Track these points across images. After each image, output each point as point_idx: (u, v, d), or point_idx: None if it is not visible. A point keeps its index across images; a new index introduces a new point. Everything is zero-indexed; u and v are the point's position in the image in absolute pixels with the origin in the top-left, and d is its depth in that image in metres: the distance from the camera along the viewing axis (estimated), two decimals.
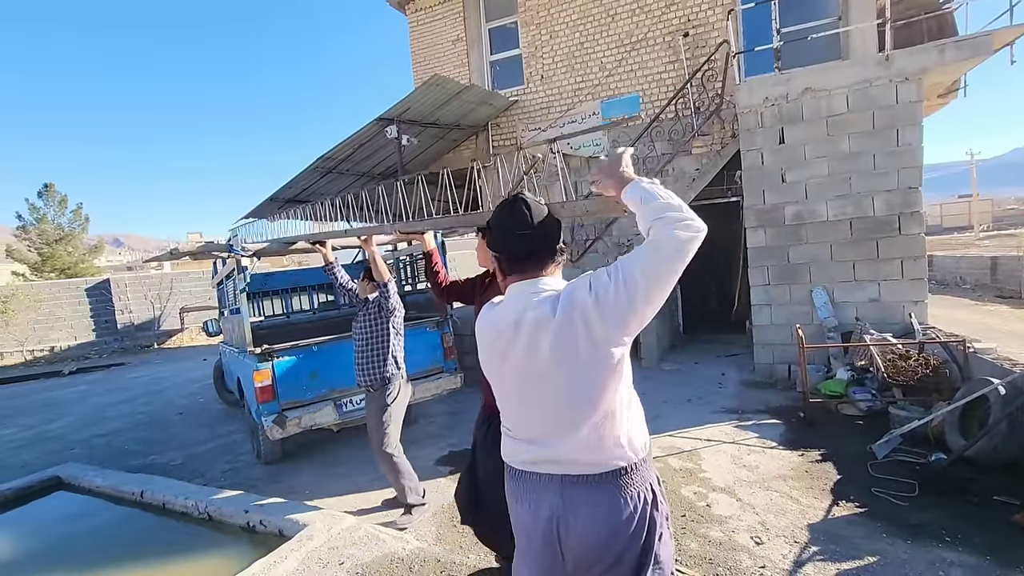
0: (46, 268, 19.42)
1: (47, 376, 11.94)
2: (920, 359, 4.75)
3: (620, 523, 1.21)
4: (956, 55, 5.32)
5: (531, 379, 1.25)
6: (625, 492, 1.22)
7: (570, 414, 1.22)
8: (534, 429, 1.27)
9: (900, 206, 5.60)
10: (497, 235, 1.35)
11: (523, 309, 1.26)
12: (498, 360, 1.30)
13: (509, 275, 1.34)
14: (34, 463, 5.50)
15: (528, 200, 1.33)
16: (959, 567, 2.56)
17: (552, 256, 1.32)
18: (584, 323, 1.19)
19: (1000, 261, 13.00)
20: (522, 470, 1.30)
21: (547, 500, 1.24)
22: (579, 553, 1.22)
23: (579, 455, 1.22)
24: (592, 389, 1.22)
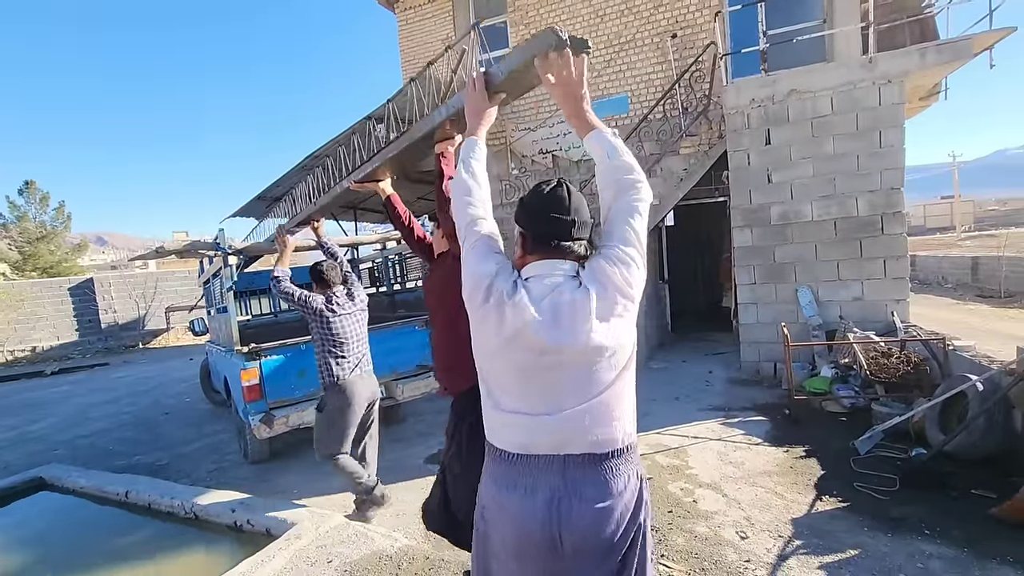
0: (28, 267, 19.10)
1: (29, 376, 11.76)
2: (902, 357, 4.83)
3: (624, 501, 1.24)
4: (937, 58, 5.42)
5: (556, 357, 1.21)
6: (629, 470, 1.26)
7: (596, 388, 1.23)
8: (550, 407, 1.23)
9: (883, 206, 5.69)
10: (528, 212, 1.33)
11: (549, 288, 1.25)
12: (511, 340, 1.23)
13: (530, 254, 1.32)
14: (16, 464, 5.42)
15: (570, 188, 1.33)
16: (938, 559, 2.62)
17: (577, 248, 1.30)
18: (616, 294, 1.24)
19: (981, 261, 13.26)
20: (518, 454, 1.25)
21: (546, 482, 1.22)
22: (582, 535, 1.21)
23: (592, 431, 1.22)
24: (620, 359, 1.25)
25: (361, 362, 3.47)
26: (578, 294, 1.23)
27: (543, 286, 1.25)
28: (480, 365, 1.33)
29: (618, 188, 1.35)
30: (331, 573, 2.74)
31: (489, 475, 1.34)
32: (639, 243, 1.30)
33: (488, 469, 1.35)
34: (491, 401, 1.31)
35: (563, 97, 1.43)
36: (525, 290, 1.25)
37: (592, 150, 1.41)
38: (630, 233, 1.30)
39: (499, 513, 1.29)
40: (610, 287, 1.24)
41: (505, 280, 1.27)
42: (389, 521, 3.42)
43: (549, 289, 1.24)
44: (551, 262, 1.28)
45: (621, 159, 1.36)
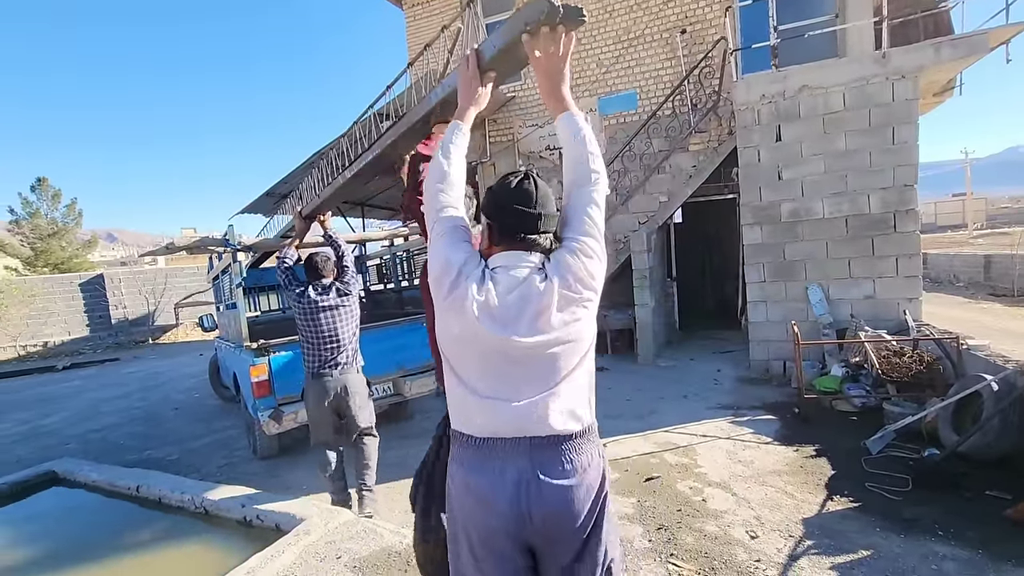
0: (39, 263, 19.28)
1: (41, 371, 11.88)
2: (914, 356, 4.78)
3: (589, 478, 1.28)
4: (952, 53, 5.34)
5: (521, 347, 1.25)
6: (591, 449, 1.31)
7: (559, 374, 1.28)
8: (516, 393, 1.26)
9: (896, 204, 5.62)
10: (495, 203, 1.34)
11: (517, 280, 1.27)
12: (477, 329, 1.25)
13: (496, 245, 1.34)
14: (29, 458, 5.48)
15: (537, 181, 1.33)
16: (952, 560, 2.58)
17: (543, 241, 1.32)
18: (578, 285, 1.28)
19: (993, 259, 13.08)
20: (486, 438, 1.28)
21: (514, 464, 1.25)
22: (552, 512, 1.24)
23: (556, 415, 1.26)
24: (582, 347, 1.31)
25: (337, 357, 3.48)
26: (543, 286, 1.26)
27: (510, 277, 1.27)
28: (445, 351, 1.34)
29: (577, 176, 1.39)
30: (340, 569, 2.75)
31: (457, 463, 1.34)
32: (599, 234, 1.34)
33: (456, 458, 1.35)
34: (464, 387, 1.31)
35: (545, 73, 1.43)
36: (492, 281, 1.27)
37: (560, 131, 1.43)
38: (589, 225, 1.33)
39: (468, 497, 1.30)
40: (572, 279, 1.27)
41: (473, 269, 1.28)
42: (398, 518, 3.43)
43: (517, 281, 1.26)
44: (517, 253, 1.30)
45: (584, 147, 1.38)
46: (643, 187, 7.69)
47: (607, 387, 6.19)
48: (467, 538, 1.31)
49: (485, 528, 1.27)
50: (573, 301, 1.27)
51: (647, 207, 7.64)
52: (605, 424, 4.90)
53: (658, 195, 7.59)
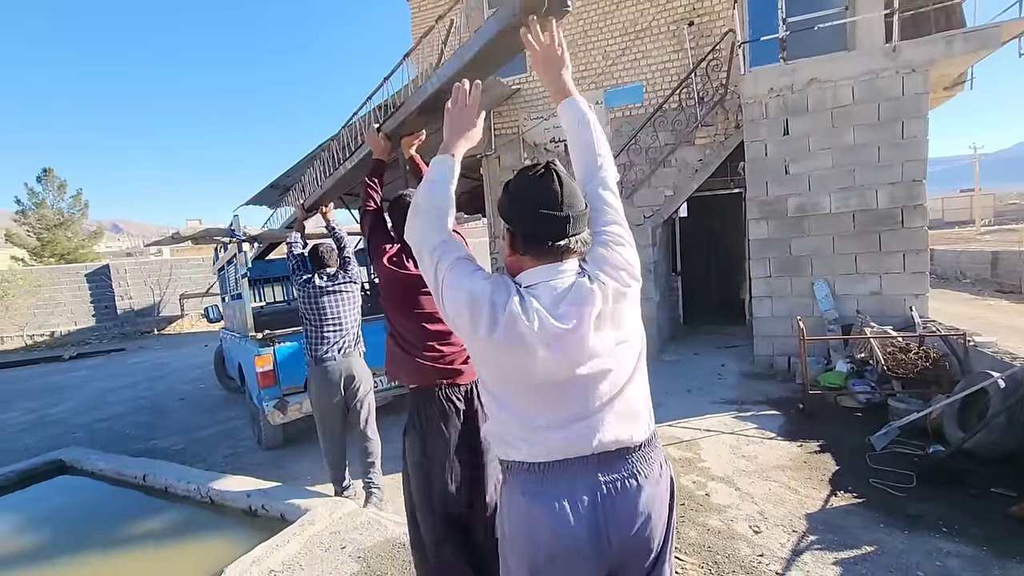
0: (45, 253, 19.40)
1: (48, 361, 11.98)
2: (920, 352, 4.76)
3: (661, 487, 1.20)
4: (964, 47, 5.27)
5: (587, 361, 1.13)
6: (657, 456, 1.22)
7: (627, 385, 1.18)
8: (584, 409, 1.15)
9: (904, 199, 5.58)
10: (515, 207, 1.18)
11: (561, 293, 1.14)
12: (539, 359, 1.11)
13: (522, 255, 1.18)
14: (36, 447, 5.53)
15: (561, 174, 1.16)
16: (956, 557, 2.58)
17: (575, 245, 1.16)
18: (624, 276, 1.19)
19: (1001, 256, 12.98)
20: (550, 462, 1.15)
21: (583, 483, 1.14)
22: (629, 527, 1.15)
23: (622, 425, 1.16)
24: (639, 346, 1.22)
25: (340, 341, 3.54)
26: (594, 286, 1.14)
27: (551, 289, 1.13)
28: (491, 387, 1.21)
29: (585, 163, 1.34)
30: (344, 559, 2.77)
31: (517, 493, 1.19)
32: (622, 219, 1.26)
33: (514, 488, 1.21)
34: (521, 419, 1.17)
35: (543, 63, 1.39)
36: (536, 301, 1.12)
37: (563, 118, 1.37)
38: (611, 212, 1.26)
39: (534, 529, 1.15)
40: (616, 272, 1.18)
41: (507, 297, 1.12)
42: (402, 510, 3.44)
43: (563, 292, 1.13)
44: (549, 267, 1.15)
45: (589, 131, 1.33)
46: (648, 181, 7.65)
47: None
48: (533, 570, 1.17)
49: (558, 555, 1.13)
50: (623, 296, 1.18)
51: (652, 201, 7.60)
52: None
53: (663, 189, 7.55)
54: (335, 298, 3.55)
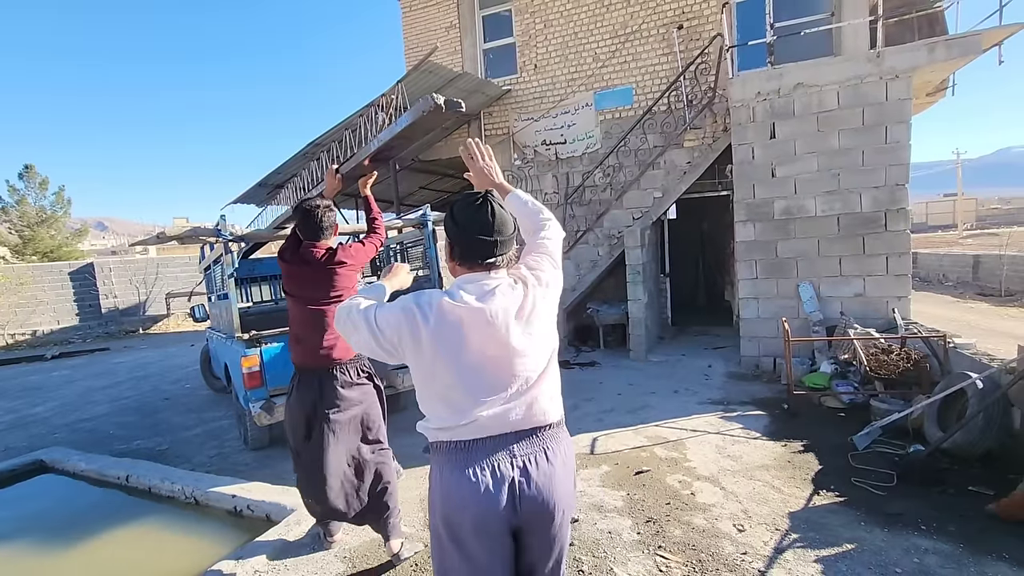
0: (28, 251, 19.07)
1: (29, 360, 11.77)
2: (902, 353, 4.84)
3: (569, 463, 1.45)
4: (946, 54, 5.37)
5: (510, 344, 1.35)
6: (565, 436, 1.47)
7: (542, 375, 1.41)
8: (505, 391, 1.36)
9: (887, 203, 5.67)
10: (456, 229, 1.41)
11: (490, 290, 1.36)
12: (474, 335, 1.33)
13: (459, 265, 1.43)
14: (17, 447, 5.44)
15: (495, 207, 1.38)
16: (934, 554, 2.63)
17: (500, 263, 1.41)
18: (544, 290, 1.44)
19: (982, 259, 13.24)
20: (475, 439, 1.35)
21: (504, 457, 1.35)
22: (545, 493, 1.36)
23: (543, 407, 1.40)
24: (554, 342, 1.46)
25: None
26: (514, 288, 1.38)
27: (482, 288, 1.36)
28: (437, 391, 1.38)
29: (533, 227, 1.62)
30: (330, 559, 2.76)
31: (446, 467, 1.38)
32: (556, 256, 1.55)
33: (442, 463, 1.39)
34: (451, 409, 1.36)
35: (476, 177, 1.70)
36: (465, 292, 1.35)
37: (511, 205, 1.63)
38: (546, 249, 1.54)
39: (460, 497, 1.34)
40: (539, 283, 1.43)
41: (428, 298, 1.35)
42: None
43: (491, 290, 1.36)
44: (480, 275, 1.39)
45: (535, 213, 1.63)
46: (637, 182, 7.70)
47: (599, 381, 6.22)
48: (453, 534, 1.37)
49: (478, 520, 1.33)
50: (543, 301, 1.42)
51: (641, 203, 7.65)
52: (597, 418, 4.94)
53: (652, 191, 7.61)
54: None
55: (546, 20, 8.70)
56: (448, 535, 1.38)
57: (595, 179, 8.30)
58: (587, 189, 8.36)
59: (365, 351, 1.43)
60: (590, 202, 8.33)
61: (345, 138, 7.45)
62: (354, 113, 7.67)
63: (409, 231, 6.21)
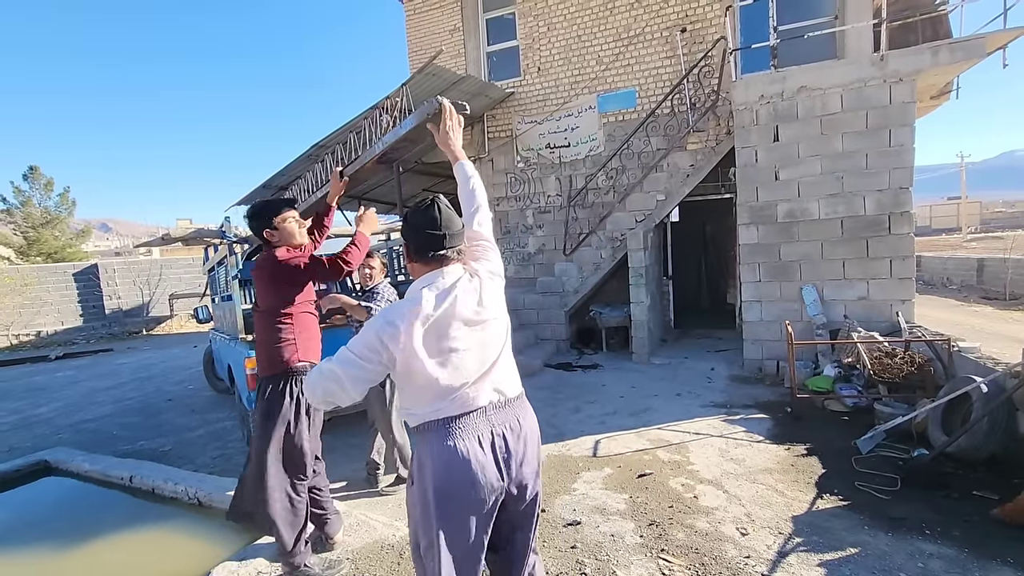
0: (32, 252, 19.15)
1: (33, 361, 11.82)
2: (906, 357, 4.82)
3: (536, 427, 1.68)
4: (950, 57, 5.37)
5: (473, 332, 1.54)
6: (528, 404, 1.69)
7: (502, 353, 1.62)
8: (476, 371, 1.54)
9: (891, 206, 5.66)
10: (408, 227, 1.62)
11: (448, 287, 1.54)
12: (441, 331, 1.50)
13: (414, 261, 1.63)
14: (21, 447, 5.46)
15: (442, 206, 1.59)
16: (938, 559, 2.62)
17: (451, 254, 1.59)
18: (494, 277, 1.66)
19: (986, 263, 13.19)
20: (460, 414, 1.52)
21: (485, 426, 1.54)
22: (521, 453, 1.58)
23: (508, 382, 1.62)
24: (504, 326, 1.65)
25: None
26: (471, 284, 1.58)
27: (441, 288, 1.53)
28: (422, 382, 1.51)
29: (466, 210, 1.83)
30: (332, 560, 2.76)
31: (435, 442, 1.52)
32: (490, 239, 1.78)
33: (431, 440, 1.53)
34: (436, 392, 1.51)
35: (441, 137, 1.93)
36: (428, 292, 1.52)
37: (457, 174, 1.90)
38: (483, 235, 1.77)
39: (453, 465, 1.48)
40: (486, 273, 1.64)
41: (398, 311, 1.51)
42: (390, 511, 3.44)
43: (449, 288, 1.53)
44: (434, 272, 1.57)
45: (471, 187, 1.85)
46: (640, 185, 7.71)
47: (601, 384, 6.21)
48: (444, 502, 1.49)
49: (471, 482, 1.48)
50: (493, 289, 1.63)
51: (644, 205, 7.66)
52: (599, 420, 4.94)
53: (655, 193, 7.61)
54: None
55: (549, 23, 8.72)
56: (438, 507, 1.49)
57: (598, 182, 8.31)
58: (590, 192, 8.37)
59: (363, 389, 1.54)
60: (593, 205, 8.33)
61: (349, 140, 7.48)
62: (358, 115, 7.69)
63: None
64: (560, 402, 5.60)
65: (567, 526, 3.12)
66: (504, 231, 9.35)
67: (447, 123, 1.92)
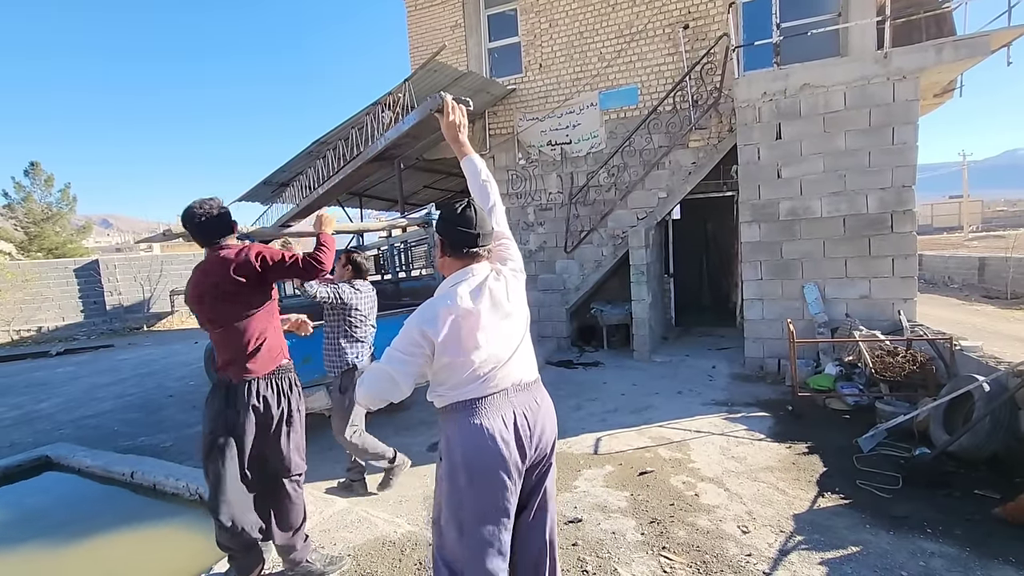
0: (33, 248, 19.15)
1: (34, 356, 11.83)
2: (908, 356, 4.82)
3: (552, 405, 1.86)
4: (954, 55, 5.34)
5: (500, 324, 1.70)
6: (543, 388, 1.85)
7: (522, 341, 1.77)
8: (500, 359, 1.69)
9: (893, 204, 5.65)
10: (445, 224, 1.74)
11: (478, 284, 1.69)
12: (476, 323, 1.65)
13: (447, 256, 1.76)
14: (22, 443, 5.47)
15: (477, 208, 1.74)
16: (940, 557, 2.62)
17: (482, 252, 1.75)
18: (516, 272, 1.82)
19: (988, 262, 13.16)
20: (487, 395, 1.67)
21: (509, 405, 1.70)
22: (542, 430, 1.75)
23: (527, 368, 1.78)
24: (526, 317, 1.82)
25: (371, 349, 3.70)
26: (499, 280, 1.74)
27: (473, 285, 1.68)
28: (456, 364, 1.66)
29: (483, 205, 1.88)
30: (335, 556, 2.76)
31: (463, 421, 1.67)
32: (508, 235, 1.92)
33: (459, 419, 1.68)
34: (467, 374, 1.66)
35: (445, 132, 2.00)
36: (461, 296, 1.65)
37: (464, 168, 1.98)
38: (501, 230, 1.88)
39: (480, 440, 1.64)
40: (509, 270, 1.80)
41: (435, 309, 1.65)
42: (391, 508, 3.44)
43: (480, 285, 1.69)
44: (466, 268, 1.71)
45: (482, 180, 1.95)
46: (642, 183, 7.69)
47: (602, 381, 6.21)
48: (472, 474, 1.64)
49: (497, 457, 1.64)
50: (516, 281, 1.79)
51: (646, 203, 7.64)
52: (600, 418, 4.93)
53: (657, 191, 7.59)
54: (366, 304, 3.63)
55: (551, 19, 8.68)
56: (467, 477, 1.65)
57: (599, 179, 8.29)
58: (591, 189, 8.35)
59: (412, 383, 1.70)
60: (594, 202, 8.32)
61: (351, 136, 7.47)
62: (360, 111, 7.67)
63: (413, 230, 6.21)
64: (561, 400, 5.60)
65: (568, 523, 3.12)
66: None
67: (450, 116, 1.98)
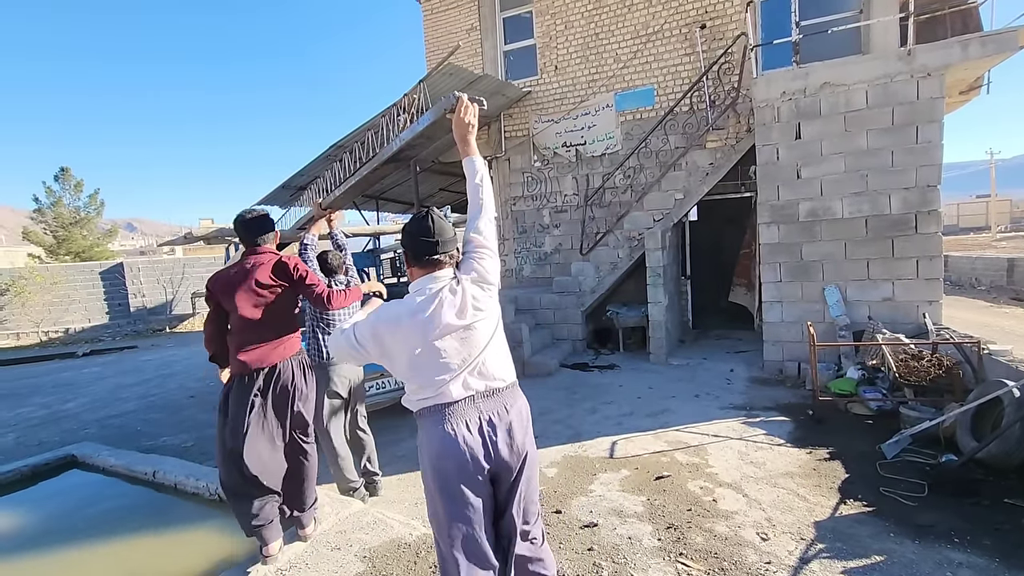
0: (61, 251, 19.68)
1: (62, 357, 12.15)
2: (933, 360, 4.69)
3: (525, 412, 1.84)
4: (981, 51, 5.21)
5: (455, 333, 1.72)
6: (518, 392, 1.86)
7: (487, 348, 1.77)
8: (461, 365, 1.72)
9: (917, 204, 5.51)
10: (405, 236, 1.81)
11: (435, 293, 1.73)
12: (425, 332, 1.70)
13: (413, 267, 1.81)
14: (49, 441, 5.61)
15: (435, 216, 1.78)
16: (967, 568, 2.54)
17: (443, 259, 1.78)
18: (481, 279, 1.81)
19: (1017, 263, 12.79)
20: (452, 402, 1.70)
21: (475, 412, 1.72)
22: (510, 435, 1.75)
23: (497, 373, 1.78)
24: (493, 322, 1.82)
25: None
26: (457, 288, 1.75)
27: (427, 295, 1.73)
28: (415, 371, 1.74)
29: (470, 210, 1.95)
30: (351, 559, 2.78)
31: (429, 427, 1.73)
32: (491, 242, 1.89)
33: (427, 425, 1.74)
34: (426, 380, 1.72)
35: (455, 129, 2.00)
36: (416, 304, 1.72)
37: (466, 168, 1.99)
38: (481, 240, 1.87)
39: (443, 448, 1.68)
40: (470, 280, 1.79)
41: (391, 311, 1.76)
42: (407, 510, 3.45)
43: (433, 296, 1.72)
44: (428, 276, 1.77)
45: (476, 182, 1.95)
46: (659, 184, 7.63)
47: (618, 384, 6.16)
48: (442, 481, 1.69)
49: (460, 464, 1.67)
50: (479, 290, 1.79)
51: (662, 204, 7.57)
52: (616, 421, 4.89)
53: (674, 192, 7.53)
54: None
55: (567, 21, 8.67)
56: (437, 484, 1.70)
57: (615, 181, 8.25)
58: (607, 191, 8.31)
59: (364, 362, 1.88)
60: (610, 204, 8.27)
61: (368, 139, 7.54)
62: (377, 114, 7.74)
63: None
64: (576, 402, 5.57)
65: (584, 528, 3.10)
66: (520, 230, 9.34)
67: (462, 114, 2.01)
